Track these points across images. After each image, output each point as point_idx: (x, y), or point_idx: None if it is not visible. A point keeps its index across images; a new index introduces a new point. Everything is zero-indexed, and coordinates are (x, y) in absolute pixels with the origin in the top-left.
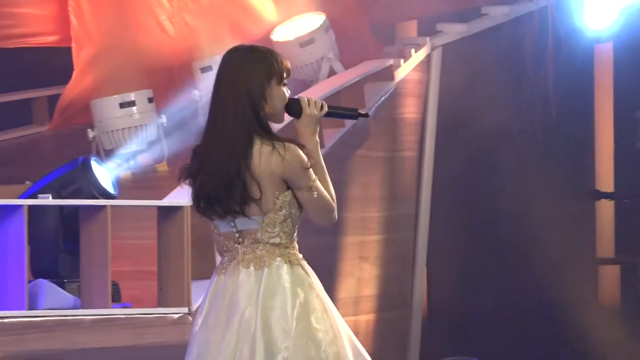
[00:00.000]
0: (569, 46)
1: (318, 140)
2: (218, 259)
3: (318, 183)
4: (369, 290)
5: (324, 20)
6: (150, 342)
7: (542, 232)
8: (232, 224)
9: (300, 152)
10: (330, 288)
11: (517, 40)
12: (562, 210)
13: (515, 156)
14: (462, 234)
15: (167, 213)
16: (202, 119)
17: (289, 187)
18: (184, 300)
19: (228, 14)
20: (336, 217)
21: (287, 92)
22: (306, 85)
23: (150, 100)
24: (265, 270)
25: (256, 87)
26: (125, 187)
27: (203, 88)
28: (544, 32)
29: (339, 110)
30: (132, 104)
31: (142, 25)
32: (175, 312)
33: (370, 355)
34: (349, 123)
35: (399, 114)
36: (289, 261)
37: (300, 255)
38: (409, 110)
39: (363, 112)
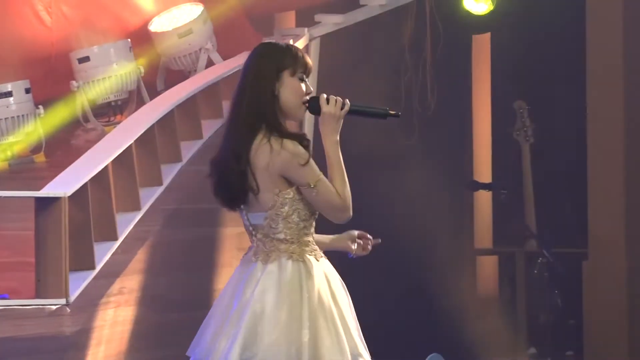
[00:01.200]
0: (447, 37)
1: (337, 139)
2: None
3: (322, 182)
4: None
5: (202, 11)
6: (29, 333)
7: (421, 223)
8: (246, 217)
9: (298, 148)
10: (209, 279)
11: (395, 31)
12: (441, 201)
13: (393, 147)
14: (341, 224)
15: (45, 204)
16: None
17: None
18: (61, 291)
19: (105, 5)
20: (348, 216)
21: (304, 86)
22: (184, 76)
23: (27, 90)
24: (269, 266)
25: (262, 81)
26: (2, 178)
27: (80, 78)
28: (421, 22)
29: (365, 109)
30: (8, 94)
31: (19, 15)
32: (53, 304)
33: None
34: (227, 113)
35: None
36: (291, 257)
37: (310, 249)
38: None
39: (393, 112)
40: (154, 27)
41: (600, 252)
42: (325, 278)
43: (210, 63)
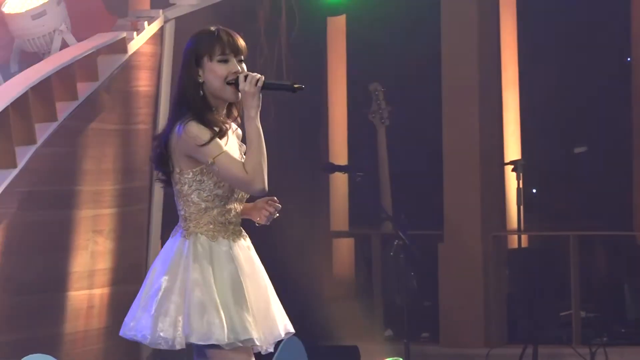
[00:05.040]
0: (302, 18)
1: (253, 114)
2: None
3: (221, 158)
4: (103, 263)
5: None
6: None
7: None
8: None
9: (201, 131)
10: (65, 261)
11: (250, 13)
12: (298, 184)
13: None
14: None
15: None
16: None
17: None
18: None
19: None
20: (254, 189)
21: (225, 68)
22: (39, 57)
23: None
24: (170, 240)
25: (185, 71)
26: None
27: None
28: (277, 4)
29: (274, 84)
30: None
31: None
32: None
33: (105, 328)
34: (82, 95)
35: (133, 86)
36: (183, 235)
37: (207, 229)
38: (143, 83)
39: (297, 85)
40: (7, 8)
41: (455, 234)
42: (214, 258)
43: (64, 45)
